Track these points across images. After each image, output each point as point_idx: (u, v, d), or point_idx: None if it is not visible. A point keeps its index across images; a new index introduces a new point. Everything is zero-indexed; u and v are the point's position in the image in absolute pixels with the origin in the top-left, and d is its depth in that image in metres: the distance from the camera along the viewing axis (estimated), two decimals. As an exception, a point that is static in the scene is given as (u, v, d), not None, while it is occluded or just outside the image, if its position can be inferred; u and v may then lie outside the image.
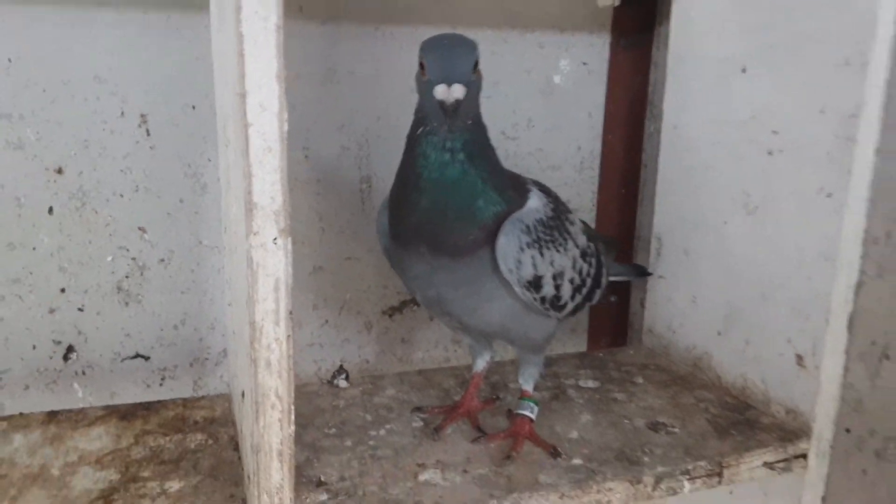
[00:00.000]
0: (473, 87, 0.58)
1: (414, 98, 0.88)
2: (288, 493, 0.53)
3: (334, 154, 0.87)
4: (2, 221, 0.76)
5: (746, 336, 0.79)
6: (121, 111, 0.78)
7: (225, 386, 0.87)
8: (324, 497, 0.59)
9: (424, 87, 0.58)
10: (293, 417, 0.52)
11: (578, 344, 1.04)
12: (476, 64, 0.58)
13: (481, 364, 0.75)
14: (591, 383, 0.83)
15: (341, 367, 0.83)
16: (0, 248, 0.76)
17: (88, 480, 0.61)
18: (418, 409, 0.75)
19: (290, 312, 0.50)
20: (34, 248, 0.78)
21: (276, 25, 0.45)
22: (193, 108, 0.80)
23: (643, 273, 0.92)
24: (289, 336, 0.50)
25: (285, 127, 0.47)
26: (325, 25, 0.83)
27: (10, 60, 0.73)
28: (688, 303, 0.87)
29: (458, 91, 0.56)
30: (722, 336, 0.82)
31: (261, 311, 0.49)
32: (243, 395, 0.58)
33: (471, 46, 0.59)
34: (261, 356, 0.50)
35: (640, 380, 0.85)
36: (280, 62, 0.46)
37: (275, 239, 0.48)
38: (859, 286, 0.68)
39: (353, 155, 0.87)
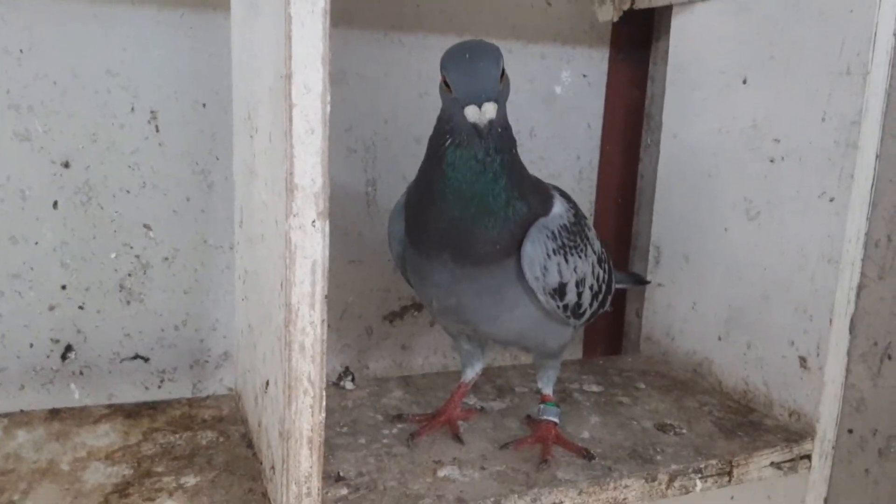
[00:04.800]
0: (502, 98, 0.57)
1: (422, 102, 0.90)
2: (316, 483, 0.52)
3: (341, 156, 0.87)
4: (5, 214, 0.74)
5: (748, 340, 0.80)
6: (131, 106, 0.77)
7: (224, 389, 0.86)
8: (344, 491, 0.59)
9: (452, 105, 0.56)
10: (324, 404, 0.51)
11: (574, 353, 1.05)
12: (502, 72, 0.57)
13: (470, 374, 0.74)
14: (594, 387, 0.84)
15: (347, 369, 0.82)
16: (2, 241, 0.75)
17: (100, 475, 0.59)
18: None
19: (326, 296, 0.50)
20: (36, 243, 0.76)
21: (322, 9, 0.46)
22: (204, 105, 0.80)
23: (641, 281, 0.94)
24: (323, 320, 0.50)
25: (328, 109, 0.48)
26: (336, 29, 0.83)
27: (21, 51, 0.72)
28: (688, 309, 0.89)
29: (489, 111, 0.54)
30: (723, 341, 0.84)
31: (297, 293, 0.49)
32: (266, 384, 0.57)
33: (494, 57, 0.56)
34: (295, 339, 0.49)
35: (642, 385, 0.86)
36: (325, 45, 0.47)
37: (313, 221, 0.48)
38: (861, 288, 0.71)
39: (360, 157, 0.88)
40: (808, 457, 0.73)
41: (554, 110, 0.97)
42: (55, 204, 0.76)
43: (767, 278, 0.78)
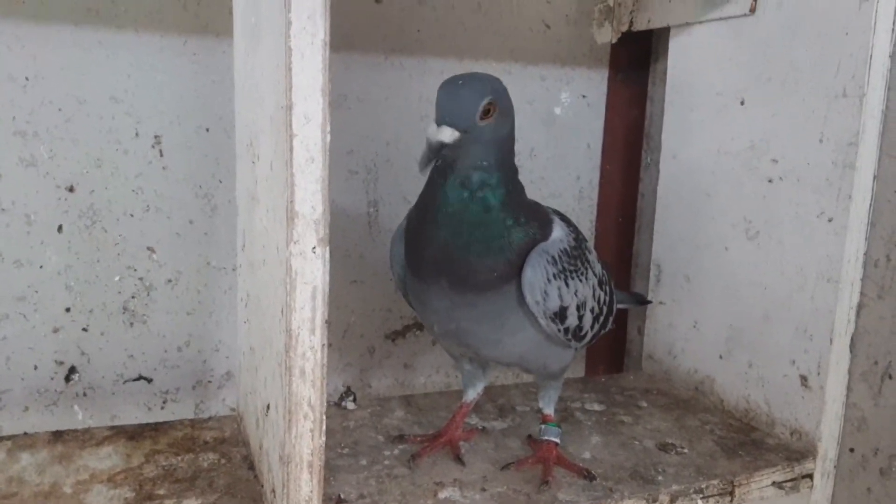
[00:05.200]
0: (480, 132, 0.56)
1: (423, 125, 0.90)
2: (317, 507, 0.52)
3: (342, 178, 0.88)
4: (10, 238, 0.75)
5: (749, 358, 0.81)
6: (135, 132, 0.78)
7: (227, 409, 0.86)
8: (345, 514, 0.59)
9: None
10: (324, 428, 0.52)
11: (576, 371, 1.05)
12: (488, 111, 0.56)
13: (472, 395, 0.74)
14: (596, 406, 0.84)
15: (349, 389, 0.83)
16: (7, 265, 0.75)
17: (103, 498, 0.59)
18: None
19: (326, 321, 0.50)
20: (41, 266, 0.77)
21: (322, 41, 0.47)
22: (207, 130, 0.81)
23: (643, 301, 0.94)
24: (324, 345, 0.50)
25: (328, 138, 0.48)
26: (338, 53, 0.84)
27: (27, 79, 0.73)
28: (689, 328, 0.89)
29: (444, 134, 0.55)
30: (724, 359, 0.84)
31: (297, 319, 0.49)
32: (268, 408, 0.58)
33: (481, 91, 0.56)
34: (295, 364, 0.50)
35: (644, 403, 0.86)
36: (325, 76, 0.47)
37: (314, 248, 0.49)
38: (860, 307, 0.71)
39: (362, 179, 0.89)
40: (810, 476, 0.73)
41: (554, 131, 0.98)
42: (60, 228, 0.77)
43: (767, 298, 0.78)
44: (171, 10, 0.77)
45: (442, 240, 0.58)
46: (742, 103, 0.80)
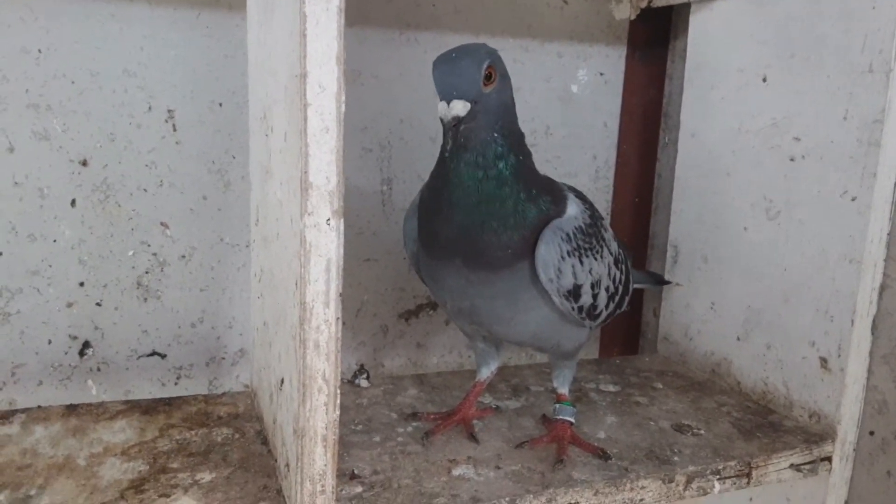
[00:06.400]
0: (490, 100, 0.56)
1: (437, 101, 0.89)
2: (330, 480, 0.52)
3: (356, 155, 0.87)
4: (24, 212, 0.75)
5: (768, 340, 0.79)
6: (148, 106, 0.77)
7: (241, 386, 0.86)
8: (359, 489, 0.59)
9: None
10: (339, 402, 0.51)
11: (590, 352, 1.05)
12: (489, 76, 0.56)
13: (486, 373, 0.73)
14: (611, 387, 0.83)
15: (362, 367, 0.82)
16: (21, 239, 0.75)
17: (116, 470, 0.59)
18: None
19: (340, 294, 0.50)
20: (55, 241, 0.77)
21: (337, 8, 0.46)
22: (220, 105, 0.80)
23: (661, 282, 0.93)
24: (338, 318, 0.50)
25: (342, 108, 0.47)
26: (352, 28, 0.84)
27: (39, 51, 0.73)
28: (706, 309, 0.88)
29: (456, 108, 0.54)
30: (742, 341, 0.83)
31: (312, 292, 0.49)
32: (282, 382, 0.57)
33: (478, 57, 0.55)
34: (310, 338, 0.49)
35: (659, 385, 0.85)
36: (340, 44, 0.46)
37: (328, 220, 0.48)
38: (883, 288, 0.70)
39: (375, 157, 0.88)
40: (829, 459, 0.72)
41: (570, 109, 0.96)
42: (73, 202, 0.77)
43: (788, 278, 0.77)
44: (184, -18, 0.77)
45: (456, 218, 0.58)
46: (764, 80, 0.79)
